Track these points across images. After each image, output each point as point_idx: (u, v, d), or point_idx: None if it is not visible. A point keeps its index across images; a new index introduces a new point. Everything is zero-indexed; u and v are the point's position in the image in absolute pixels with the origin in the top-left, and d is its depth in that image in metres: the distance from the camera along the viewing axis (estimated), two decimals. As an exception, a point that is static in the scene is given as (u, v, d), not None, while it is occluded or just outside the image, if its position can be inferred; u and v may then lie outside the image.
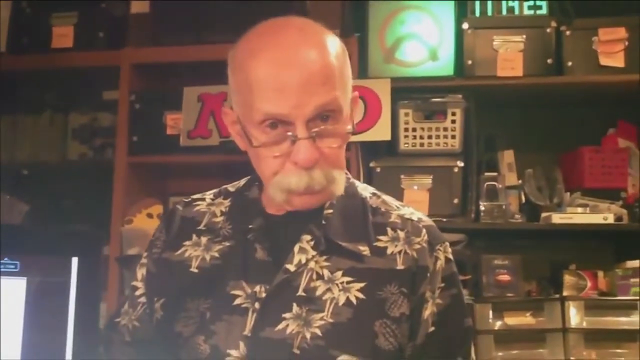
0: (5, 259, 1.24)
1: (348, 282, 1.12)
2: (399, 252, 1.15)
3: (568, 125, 2.63)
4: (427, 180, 2.50)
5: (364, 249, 1.14)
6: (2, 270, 1.22)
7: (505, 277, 2.44)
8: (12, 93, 2.74)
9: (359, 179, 2.44)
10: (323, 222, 1.14)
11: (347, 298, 1.11)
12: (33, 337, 1.25)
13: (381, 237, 1.16)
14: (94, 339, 1.14)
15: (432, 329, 1.15)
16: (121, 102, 2.60)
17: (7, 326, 1.24)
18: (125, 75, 2.60)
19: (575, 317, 2.33)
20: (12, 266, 1.24)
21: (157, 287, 1.21)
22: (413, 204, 2.46)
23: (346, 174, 1.21)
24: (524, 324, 2.36)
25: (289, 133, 1.08)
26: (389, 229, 1.17)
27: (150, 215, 2.55)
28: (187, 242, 1.20)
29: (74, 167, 2.73)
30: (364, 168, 2.50)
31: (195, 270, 1.17)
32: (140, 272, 1.26)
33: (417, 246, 1.15)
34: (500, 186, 2.47)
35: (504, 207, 2.45)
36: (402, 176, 2.50)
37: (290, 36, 1.09)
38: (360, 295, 1.11)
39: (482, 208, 2.46)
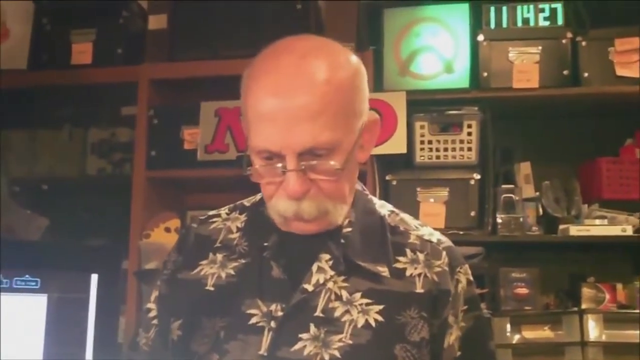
0: (27, 276, 1.25)
1: (367, 304, 1.10)
2: (419, 275, 1.13)
3: (585, 136, 2.61)
4: (444, 193, 2.49)
5: (383, 270, 1.12)
6: (23, 287, 1.24)
7: (523, 290, 2.42)
8: (32, 108, 2.77)
9: (374, 193, 2.44)
10: (342, 240, 1.13)
11: (366, 320, 1.09)
12: (53, 352, 1.26)
13: (400, 258, 1.14)
14: (113, 354, 1.15)
15: (459, 353, 1.14)
16: (139, 117, 2.62)
17: (28, 342, 1.26)
18: (143, 91, 2.62)
19: (594, 330, 2.30)
20: (33, 283, 1.26)
21: (171, 308, 1.20)
22: (429, 217, 2.52)
23: (363, 189, 1.20)
24: (543, 338, 2.33)
25: (279, 165, 1.06)
26: (408, 250, 1.15)
27: (168, 230, 2.57)
28: (204, 261, 1.19)
29: (92, 182, 2.75)
30: (379, 181, 2.50)
31: (211, 289, 1.16)
32: (154, 294, 1.25)
33: (438, 269, 1.14)
34: (517, 198, 2.46)
35: (521, 219, 2.44)
36: (418, 189, 2.49)
37: (287, 64, 1.06)
38: (379, 318, 1.10)
39: (499, 220, 2.45)
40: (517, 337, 2.34)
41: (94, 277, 1.25)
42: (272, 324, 1.10)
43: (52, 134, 2.79)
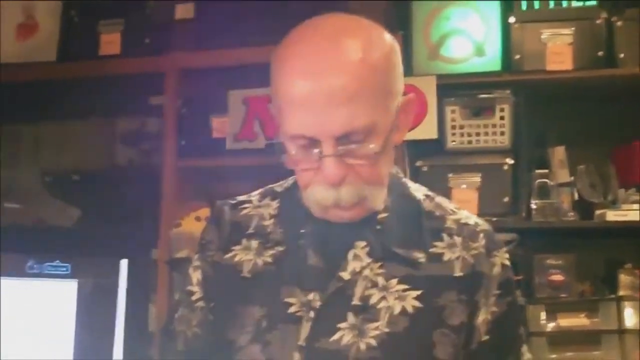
0: (57, 261, 1.25)
1: (404, 290, 1.08)
2: (457, 258, 1.10)
3: (621, 119, 2.53)
4: (476, 178, 2.45)
5: (420, 256, 1.10)
6: (53, 272, 1.24)
7: (558, 277, 2.38)
8: (62, 100, 2.79)
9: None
10: (377, 227, 1.10)
11: (403, 307, 1.07)
12: (85, 338, 1.26)
13: (437, 243, 1.12)
14: (144, 340, 1.14)
15: (485, 337, 1.11)
16: (168, 107, 2.62)
17: (59, 327, 1.26)
18: (171, 80, 2.62)
19: (631, 317, 2.26)
20: (64, 269, 1.26)
21: (212, 291, 1.18)
22: (461, 204, 2.43)
23: (397, 173, 1.17)
24: (578, 326, 2.30)
25: (316, 150, 1.03)
26: (444, 235, 1.12)
27: (198, 219, 2.56)
28: (237, 247, 1.16)
29: (122, 172, 2.76)
30: (410, 167, 2.47)
31: (248, 275, 1.13)
32: (195, 276, 1.21)
33: (475, 252, 1.11)
34: (551, 183, 2.41)
35: (556, 205, 2.39)
36: (449, 175, 2.45)
37: (319, 44, 1.01)
38: (417, 304, 1.07)
39: (533, 206, 2.40)
40: (552, 325, 2.31)
41: (124, 263, 1.24)
42: (311, 313, 1.08)
43: (82, 125, 2.81)
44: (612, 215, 2.33)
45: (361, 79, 1.00)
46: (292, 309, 1.08)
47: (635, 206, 2.34)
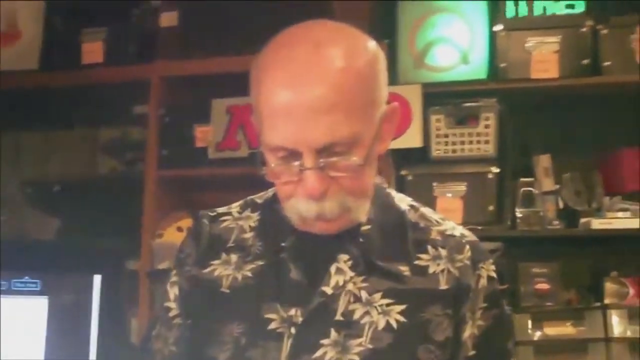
0: (26, 277, 1.22)
1: (388, 305, 1.05)
2: (442, 271, 1.08)
3: (606, 127, 2.53)
4: (461, 187, 2.43)
5: (404, 269, 1.07)
6: (23, 289, 1.20)
7: (543, 286, 2.36)
8: (44, 109, 2.76)
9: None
10: (360, 239, 1.07)
11: (387, 322, 1.04)
12: (55, 357, 1.22)
13: (422, 256, 1.09)
14: (117, 358, 1.11)
15: (472, 352, 1.08)
16: (151, 116, 2.59)
17: (29, 345, 1.22)
18: (155, 89, 2.59)
19: (618, 326, 2.24)
20: (33, 285, 1.22)
21: (190, 307, 1.14)
22: (446, 213, 2.45)
23: (381, 184, 1.14)
24: (565, 334, 2.28)
25: (296, 163, 0.99)
26: (429, 247, 1.09)
27: (180, 229, 2.53)
28: (216, 261, 1.13)
29: (104, 181, 2.72)
30: (395, 176, 2.45)
31: (227, 291, 1.10)
32: (173, 292, 1.18)
33: (460, 264, 1.08)
34: (536, 192, 2.40)
35: (541, 213, 2.38)
36: (434, 184, 2.44)
37: (300, 53, 0.98)
38: (401, 319, 1.04)
39: (518, 215, 2.39)
40: (538, 333, 2.29)
41: (97, 278, 1.20)
42: (292, 329, 1.04)
43: (64, 134, 2.78)
44: (597, 224, 2.32)
45: (343, 88, 0.97)
46: (272, 325, 1.05)
47: (621, 214, 2.33)
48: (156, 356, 1.18)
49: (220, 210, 1.20)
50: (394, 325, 1.04)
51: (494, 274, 1.12)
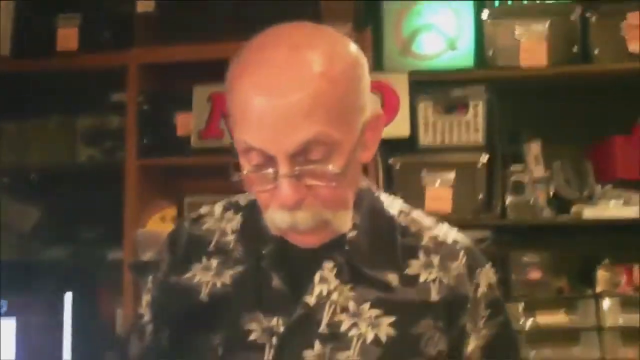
0: None
1: (376, 317, 0.99)
2: (433, 281, 1.02)
3: (597, 115, 2.51)
4: (450, 176, 2.39)
5: (393, 279, 1.02)
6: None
7: (535, 275, 2.34)
8: (19, 98, 2.66)
9: (377, 178, 2.35)
10: (346, 246, 1.02)
11: (376, 335, 0.98)
12: None
13: (412, 262, 1.03)
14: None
15: None
16: (129, 104, 2.52)
17: None
18: (133, 76, 2.51)
19: (610, 314, 2.24)
20: None
21: (162, 315, 1.09)
22: (435, 202, 2.43)
23: (369, 188, 1.09)
24: (557, 323, 2.28)
25: (270, 170, 0.94)
26: (421, 253, 1.04)
27: (163, 219, 2.48)
28: (197, 265, 1.07)
29: (83, 170, 2.65)
30: (382, 166, 2.40)
31: (206, 298, 1.04)
32: (145, 298, 1.13)
33: (454, 272, 1.03)
34: (527, 180, 2.38)
35: (531, 201, 2.35)
36: (423, 173, 2.40)
37: (277, 56, 0.93)
38: (391, 332, 0.99)
39: (508, 203, 2.36)
40: (530, 323, 2.28)
41: (68, 296, 1.12)
42: (274, 340, 0.99)
43: (41, 122, 2.69)
44: (589, 212, 2.31)
45: (320, 94, 0.92)
46: (253, 336, 1.00)
47: (613, 202, 2.32)
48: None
49: (203, 211, 1.15)
50: (383, 338, 0.99)
51: (493, 281, 1.07)
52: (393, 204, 1.10)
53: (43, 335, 1.12)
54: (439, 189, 2.40)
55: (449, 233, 1.08)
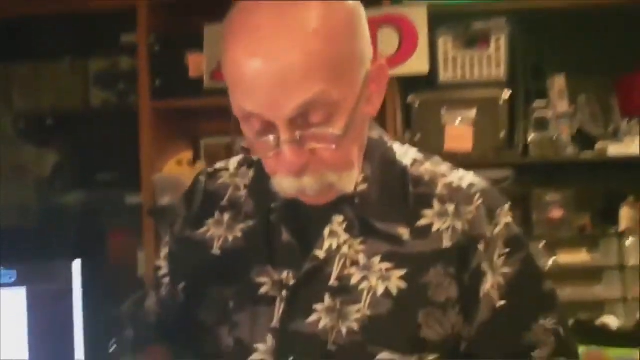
0: (1, 268, 1.12)
1: (387, 270, 0.98)
2: (447, 229, 0.99)
3: (624, 47, 2.39)
4: (471, 113, 2.32)
5: (404, 232, 0.99)
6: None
7: (557, 213, 2.30)
8: (32, 40, 2.63)
9: (395, 117, 2.29)
10: (356, 200, 0.99)
11: (387, 288, 0.97)
12: (39, 349, 1.14)
13: (426, 212, 1.01)
14: (105, 346, 1.03)
15: (501, 302, 1.00)
16: (140, 45, 2.46)
17: (11, 341, 1.13)
18: (143, 16, 2.45)
19: (633, 252, 2.20)
20: (9, 276, 1.13)
21: (178, 269, 1.10)
22: (455, 140, 2.37)
23: (381, 138, 1.05)
24: (579, 262, 2.25)
25: (271, 136, 0.91)
26: (435, 202, 1.01)
27: (180, 163, 2.45)
28: (210, 220, 1.08)
29: (97, 114, 2.63)
30: (401, 104, 2.34)
31: (218, 253, 1.05)
32: (164, 251, 1.15)
33: (469, 216, 1.00)
34: (550, 115, 2.30)
35: (554, 138, 2.29)
36: (443, 111, 2.33)
37: (269, 17, 0.88)
38: (401, 284, 0.97)
39: (531, 140, 2.29)
40: (551, 262, 2.24)
41: (77, 264, 1.11)
42: (284, 293, 0.99)
43: (54, 66, 2.66)
44: (613, 148, 2.24)
45: (315, 52, 0.88)
46: (263, 289, 1.00)
47: (638, 138, 2.24)
48: (149, 312, 1.15)
49: (219, 165, 1.14)
50: (394, 291, 0.97)
51: (510, 220, 1.03)
52: (406, 154, 1.07)
53: (53, 304, 1.13)
54: (460, 127, 2.34)
55: (464, 178, 1.04)
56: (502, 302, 1.00)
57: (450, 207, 1.00)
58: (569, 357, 1.03)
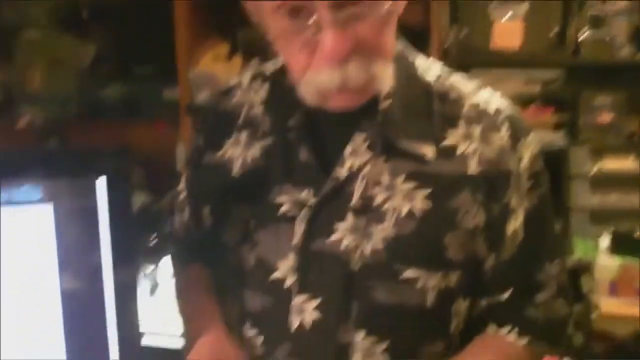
0: (25, 185, 1.12)
1: (411, 189, 0.94)
2: (474, 152, 0.96)
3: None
4: (522, 8, 2.18)
5: (429, 151, 0.95)
6: (24, 199, 1.11)
7: (605, 117, 2.19)
8: None
9: (438, 13, 2.16)
10: (379, 117, 0.95)
11: (411, 208, 0.94)
12: (69, 264, 1.16)
13: (451, 132, 0.96)
14: (132, 261, 1.04)
15: (521, 237, 0.99)
16: None
17: (39, 259, 1.15)
18: None
19: (685, 160, 2.12)
20: (34, 193, 1.13)
21: (200, 193, 1.09)
22: (504, 37, 2.24)
23: (403, 51, 0.99)
24: (625, 169, 2.17)
25: (311, 20, 0.84)
26: (460, 122, 0.97)
27: (216, 57, 2.40)
28: (228, 141, 1.04)
29: (133, 3, 2.55)
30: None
31: (238, 173, 1.02)
32: (184, 176, 1.15)
33: (497, 144, 0.96)
34: (606, 13, 2.14)
35: (608, 38, 2.14)
36: (491, 5, 2.19)
37: None
38: (426, 205, 0.94)
39: (583, 39, 2.15)
40: (596, 167, 2.17)
41: (102, 180, 1.10)
42: (304, 212, 0.96)
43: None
44: (673, 49, 2.09)
45: None
46: (283, 209, 0.98)
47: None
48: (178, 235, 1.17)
49: (232, 82, 1.10)
50: (418, 212, 0.94)
51: (536, 151, 1.00)
52: (430, 69, 1.01)
53: (79, 221, 1.14)
54: (509, 22, 2.20)
55: (491, 100, 1.00)
56: (522, 237, 0.99)
57: (476, 130, 0.96)
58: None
